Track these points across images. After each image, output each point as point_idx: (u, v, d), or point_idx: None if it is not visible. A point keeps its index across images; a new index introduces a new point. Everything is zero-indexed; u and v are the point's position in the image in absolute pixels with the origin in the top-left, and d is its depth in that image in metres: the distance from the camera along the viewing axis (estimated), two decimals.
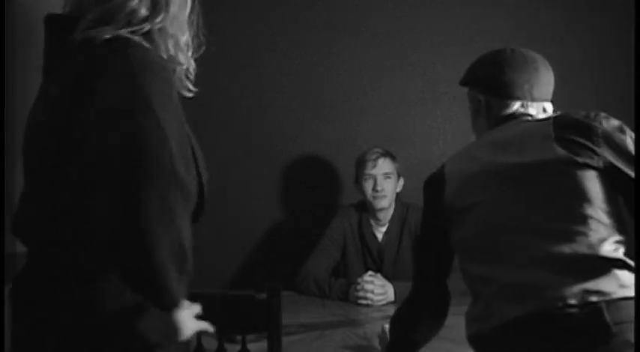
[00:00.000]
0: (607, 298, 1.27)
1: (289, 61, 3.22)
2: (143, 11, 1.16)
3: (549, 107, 1.60)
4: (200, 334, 1.60)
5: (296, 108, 3.22)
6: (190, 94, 1.27)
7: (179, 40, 1.21)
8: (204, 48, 1.30)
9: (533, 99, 1.56)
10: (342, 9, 3.23)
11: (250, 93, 3.22)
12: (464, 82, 1.66)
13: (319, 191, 3.24)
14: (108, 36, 1.11)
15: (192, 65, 1.26)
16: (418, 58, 3.24)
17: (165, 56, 1.19)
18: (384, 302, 2.42)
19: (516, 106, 1.56)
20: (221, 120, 3.18)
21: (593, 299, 1.28)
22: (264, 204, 3.21)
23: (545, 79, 1.58)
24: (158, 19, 1.17)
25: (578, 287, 1.29)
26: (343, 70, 3.23)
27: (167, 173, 1.00)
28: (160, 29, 1.18)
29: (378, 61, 3.24)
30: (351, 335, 2.00)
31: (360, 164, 2.76)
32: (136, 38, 1.13)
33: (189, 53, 1.25)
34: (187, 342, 1.22)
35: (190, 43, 1.25)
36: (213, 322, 1.57)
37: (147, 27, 1.16)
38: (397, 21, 3.24)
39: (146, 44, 1.14)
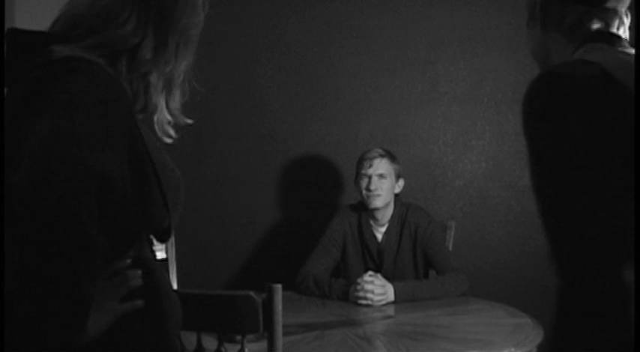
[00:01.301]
0: None
1: (289, 61, 3.22)
2: (131, 38, 1.09)
3: (626, 19, 1.19)
4: (200, 334, 1.60)
5: (296, 108, 3.23)
6: (170, 141, 1.18)
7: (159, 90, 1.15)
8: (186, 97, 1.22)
9: (600, 5, 1.17)
10: (342, 9, 3.23)
11: (250, 93, 3.22)
12: None
13: (319, 191, 3.24)
14: (62, 55, 1.03)
15: (167, 113, 1.17)
16: (418, 58, 3.24)
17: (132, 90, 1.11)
18: (384, 302, 2.42)
19: (578, 14, 1.18)
20: (221, 120, 3.18)
21: None
22: (264, 204, 3.22)
23: None
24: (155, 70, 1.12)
25: None
26: (343, 70, 3.23)
27: (72, 235, 0.92)
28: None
29: (378, 61, 3.24)
30: (351, 335, 2.00)
31: (358, 163, 2.77)
32: (100, 61, 1.06)
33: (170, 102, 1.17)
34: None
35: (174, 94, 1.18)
36: (213, 322, 1.58)
37: (123, 53, 1.09)
38: (397, 21, 3.24)
39: (110, 69, 1.06)
